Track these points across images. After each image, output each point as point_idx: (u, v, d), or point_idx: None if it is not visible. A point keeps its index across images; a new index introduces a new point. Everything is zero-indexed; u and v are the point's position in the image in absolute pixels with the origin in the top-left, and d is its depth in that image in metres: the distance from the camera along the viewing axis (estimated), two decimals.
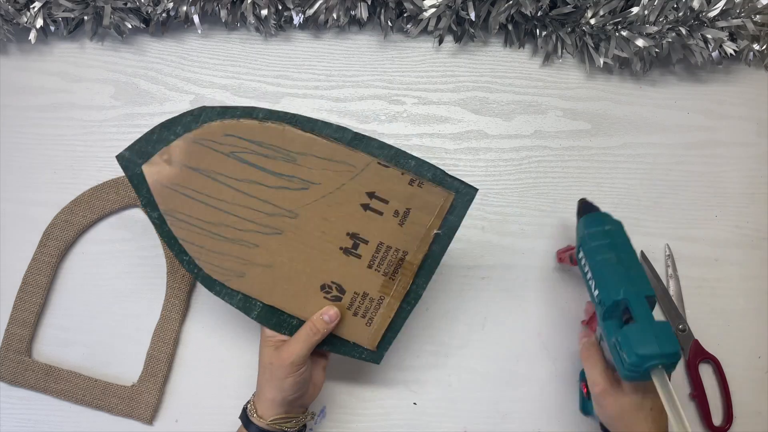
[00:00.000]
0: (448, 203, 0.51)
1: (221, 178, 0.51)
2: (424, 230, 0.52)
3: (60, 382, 0.62)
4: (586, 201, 0.59)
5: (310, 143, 0.50)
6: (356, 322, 0.53)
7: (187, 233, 0.52)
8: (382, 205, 0.51)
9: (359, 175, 0.51)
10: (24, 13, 0.65)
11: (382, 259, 0.52)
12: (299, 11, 0.66)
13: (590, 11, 0.64)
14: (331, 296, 0.53)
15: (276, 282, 0.53)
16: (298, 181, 0.51)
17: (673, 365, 0.47)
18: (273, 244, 0.52)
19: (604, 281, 0.51)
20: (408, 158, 0.51)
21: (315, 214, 0.51)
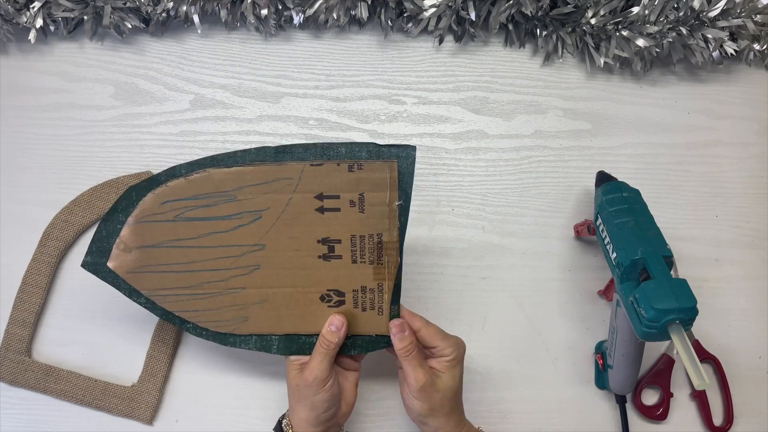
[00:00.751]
0: (395, 172, 0.50)
1: (179, 243, 0.52)
2: (386, 207, 0.51)
3: (60, 382, 0.62)
4: (604, 172, 0.61)
5: (240, 176, 0.50)
6: (369, 316, 0.53)
7: (177, 304, 0.53)
8: (335, 201, 0.51)
9: (299, 184, 0.50)
10: (24, 13, 0.65)
11: (362, 251, 0.52)
12: (299, 11, 0.66)
13: (591, 11, 0.64)
14: (334, 303, 0.53)
15: (279, 311, 0.53)
16: (248, 214, 0.51)
17: (690, 320, 0.48)
18: (257, 279, 0.52)
19: (621, 243, 0.52)
20: (336, 147, 0.50)
21: (279, 236, 0.51)
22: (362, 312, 0.53)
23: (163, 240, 0.52)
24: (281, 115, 0.68)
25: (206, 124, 0.68)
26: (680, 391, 0.63)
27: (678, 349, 0.47)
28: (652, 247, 0.51)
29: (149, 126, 0.67)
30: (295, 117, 0.68)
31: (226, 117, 0.68)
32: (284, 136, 0.67)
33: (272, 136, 0.67)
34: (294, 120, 0.68)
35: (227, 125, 0.68)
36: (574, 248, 0.66)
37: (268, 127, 0.68)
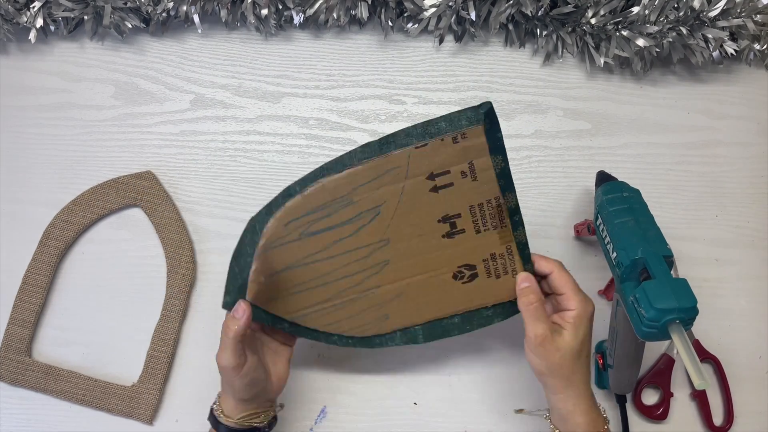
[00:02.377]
0: (483, 134, 0.50)
1: (310, 259, 0.52)
2: (493, 170, 0.51)
3: (60, 382, 0.62)
4: (604, 172, 0.60)
5: (352, 178, 0.51)
6: (504, 282, 0.53)
7: (320, 320, 0.53)
8: (446, 177, 0.50)
9: (409, 170, 0.50)
10: (24, 13, 0.65)
11: (483, 218, 0.51)
12: (299, 11, 0.66)
13: (591, 11, 0.64)
14: (467, 278, 0.53)
15: (416, 301, 0.53)
16: (367, 213, 0.51)
17: (691, 320, 0.48)
18: (389, 275, 0.53)
19: (622, 243, 0.52)
20: (436, 123, 0.50)
21: (401, 227, 0.52)
22: (497, 279, 0.53)
23: (295, 260, 0.52)
24: (281, 115, 0.68)
25: (206, 123, 0.68)
26: (680, 390, 0.63)
27: (678, 348, 0.47)
28: (652, 246, 0.51)
29: (149, 126, 0.67)
30: (296, 117, 0.68)
31: (226, 117, 0.68)
32: (284, 136, 0.67)
33: (272, 135, 0.67)
34: (294, 120, 0.68)
35: (227, 125, 0.68)
36: (574, 248, 0.66)
37: (268, 127, 0.68)
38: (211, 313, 0.64)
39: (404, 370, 0.63)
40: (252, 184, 0.67)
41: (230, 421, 0.51)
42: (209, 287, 0.65)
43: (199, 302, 0.64)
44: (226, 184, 0.66)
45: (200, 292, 0.64)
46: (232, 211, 0.66)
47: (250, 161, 0.67)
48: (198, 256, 0.65)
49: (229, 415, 0.51)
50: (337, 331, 0.54)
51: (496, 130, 0.49)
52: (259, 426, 0.52)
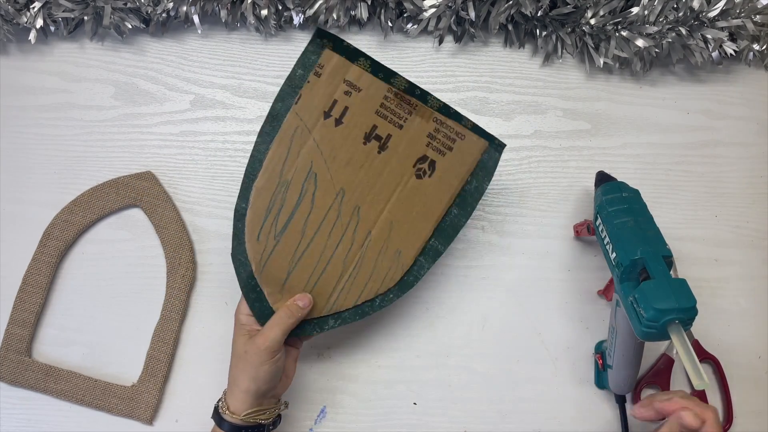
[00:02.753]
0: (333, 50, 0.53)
1: (299, 254, 0.53)
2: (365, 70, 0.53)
3: (60, 382, 0.62)
4: (604, 172, 0.61)
5: (272, 165, 0.53)
6: (459, 150, 0.53)
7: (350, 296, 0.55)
8: (338, 106, 0.53)
9: (306, 123, 0.53)
10: (24, 13, 0.65)
11: (394, 114, 0.53)
12: (299, 11, 0.66)
13: (590, 11, 0.64)
14: (428, 171, 0.53)
15: (409, 222, 0.54)
16: (306, 182, 0.53)
17: (690, 320, 0.48)
18: (369, 216, 0.53)
19: (621, 243, 0.52)
20: (295, 72, 0.52)
21: (341, 171, 0.53)
22: (450, 152, 0.53)
23: (289, 263, 0.53)
24: None
25: (206, 124, 0.68)
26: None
27: (678, 349, 0.47)
28: (651, 247, 0.51)
29: (149, 126, 0.68)
30: None
31: (226, 117, 0.68)
32: None
33: None
34: None
35: (227, 125, 0.68)
36: (574, 248, 0.66)
37: None
38: (210, 313, 0.64)
39: (404, 370, 0.63)
40: None
41: (236, 418, 0.51)
42: (209, 287, 0.65)
43: (199, 302, 0.64)
44: (226, 184, 0.66)
45: (200, 292, 0.65)
46: (232, 211, 0.66)
47: None
48: (198, 256, 0.65)
49: (235, 412, 0.51)
50: (372, 296, 0.54)
51: (340, 41, 0.52)
52: (265, 423, 0.52)
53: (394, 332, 0.64)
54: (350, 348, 0.64)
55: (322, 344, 0.64)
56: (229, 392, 0.52)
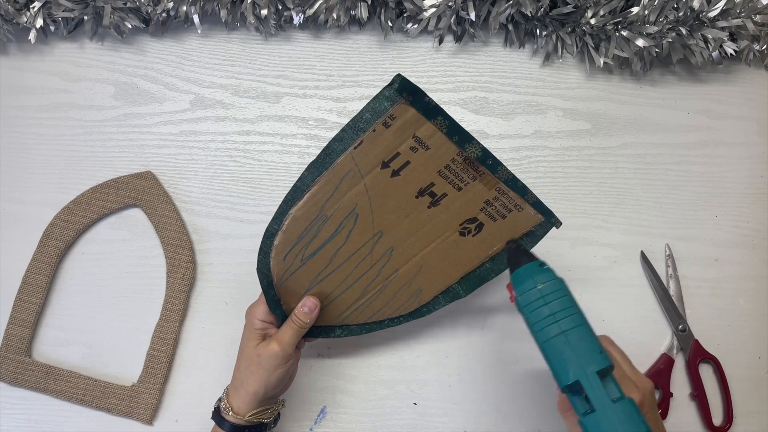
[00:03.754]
0: (408, 104, 0.49)
1: (322, 276, 0.54)
2: (439, 131, 0.50)
3: (60, 382, 0.62)
4: (518, 246, 0.52)
5: (314, 200, 0.52)
6: (513, 218, 0.52)
7: (362, 315, 0.56)
8: (399, 159, 0.51)
9: (361, 169, 0.51)
10: (24, 13, 0.65)
11: (457, 176, 0.51)
12: (299, 11, 0.66)
13: (590, 11, 0.64)
14: (474, 230, 0.53)
15: (440, 267, 0.54)
16: (347, 220, 0.53)
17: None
18: (401, 257, 0.54)
19: (551, 361, 0.46)
20: (362, 116, 0.49)
21: (385, 217, 0.52)
22: (504, 219, 0.52)
23: (309, 282, 0.54)
24: (281, 115, 0.68)
25: (206, 124, 0.68)
26: (680, 391, 0.63)
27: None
28: (583, 366, 0.44)
29: (149, 126, 0.67)
30: (295, 117, 0.68)
31: (226, 117, 0.68)
32: (284, 136, 0.67)
33: (272, 136, 0.67)
34: (294, 120, 0.68)
35: (227, 125, 0.68)
36: (574, 248, 0.66)
37: (268, 127, 0.68)
38: (210, 313, 0.64)
39: (404, 370, 0.63)
40: (251, 184, 0.67)
41: (239, 419, 0.51)
42: (209, 287, 0.65)
43: (199, 302, 0.64)
44: (226, 184, 0.66)
45: (200, 292, 0.65)
46: (232, 211, 0.66)
47: (250, 161, 0.67)
48: (198, 256, 0.65)
49: (238, 412, 0.51)
50: (386, 317, 0.55)
51: (421, 96, 0.48)
52: (267, 421, 0.53)
53: (394, 332, 0.64)
54: (350, 348, 0.64)
55: (323, 344, 0.64)
56: (234, 393, 0.52)
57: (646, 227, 0.66)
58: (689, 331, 0.64)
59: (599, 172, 0.67)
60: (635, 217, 0.66)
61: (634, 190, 0.67)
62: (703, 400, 0.62)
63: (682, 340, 0.63)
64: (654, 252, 0.66)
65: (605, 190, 0.67)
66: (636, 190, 0.67)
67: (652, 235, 0.66)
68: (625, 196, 0.67)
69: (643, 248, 0.66)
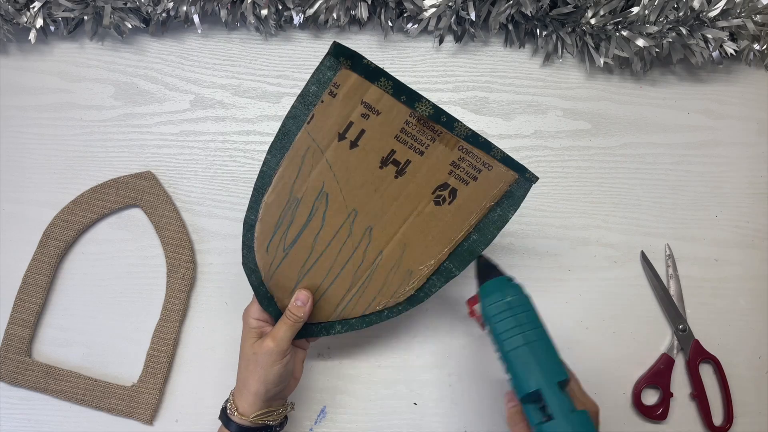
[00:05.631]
0: (352, 73, 0.49)
1: (308, 266, 0.53)
2: (385, 92, 0.49)
3: (60, 382, 0.62)
4: (486, 261, 0.52)
5: (282, 182, 0.51)
6: (485, 178, 0.50)
7: (358, 306, 0.54)
8: (354, 128, 0.50)
9: (319, 143, 0.50)
10: (24, 13, 0.65)
11: (415, 139, 0.50)
12: (299, 11, 0.66)
13: (590, 11, 0.64)
14: (449, 198, 0.51)
15: (424, 243, 0.52)
16: (318, 201, 0.51)
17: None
18: (381, 236, 0.52)
19: (513, 370, 0.47)
20: (308, 89, 0.49)
21: (354, 193, 0.51)
22: (475, 182, 0.50)
23: (297, 274, 0.53)
24: (281, 115, 0.68)
25: (206, 124, 0.68)
26: (680, 391, 0.63)
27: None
28: (545, 376, 0.45)
29: (149, 126, 0.67)
30: None
31: (226, 117, 0.68)
32: None
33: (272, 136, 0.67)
34: None
35: (227, 125, 0.68)
36: (574, 248, 0.66)
37: (268, 127, 0.68)
38: (210, 313, 0.64)
39: (404, 370, 0.63)
40: (251, 184, 0.66)
41: (244, 419, 0.51)
42: (209, 287, 0.65)
43: (199, 302, 0.64)
44: (226, 184, 0.66)
45: (200, 292, 0.65)
46: (232, 211, 0.66)
47: (250, 161, 0.67)
48: (198, 256, 0.65)
49: (243, 413, 0.51)
50: (384, 306, 0.53)
51: (359, 59, 0.48)
52: (272, 424, 0.53)
53: (395, 332, 0.64)
54: (350, 348, 0.64)
55: (323, 344, 0.64)
56: (238, 394, 0.52)
57: (646, 227, 0.66)
58: (689, 331, 0.64)
59: (599, 172, 0.67)
60: (635, 217, 0.66)
61: (634, 190, 0.67)
62: (703, 400, 0.62)
63: (682, 340, 0.63)
64: (654, 252, 0.66)
65: (605, 190, 0.67)
66: (636, 190, 0.67)
67: (652, 235, 0.66)
68: (625, 196, 0.67)
69: (643, 248, 0.66)
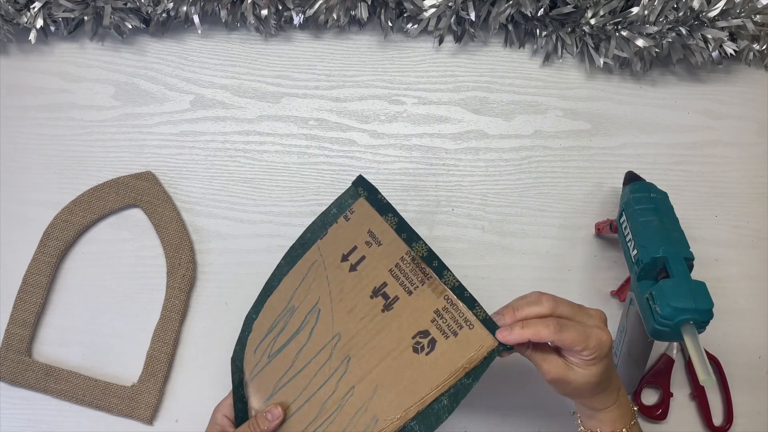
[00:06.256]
0: (365, 202, 0.52)
1: (284, 380, 0.52)
2: (389, 227, 0.51)
3: (60, 382, 0.62)
4: (633, 172, 0.61)
5: (287, 287, 0.53)
6: (464, 338, 0.49)
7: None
8: (356, 253, 0.52)
9: (324, 260, 0.53)
10: (24, 13, 0.65)
11: (407, 277, 0.51)
12: (299, 11, 0.66)
13: (590, 11, 0.64)
14: (428, 347, 0.49)
15: (395, 390, 0.49)
16: (310, 315, 0.52)
17: (704, 323, 0.47)
18: (356, 371, 0.50)
19: (644, 241, 0.52)
20: (330, 211, 0.53)
21: (342, 316, 0.52)
22: (456, 337, 0.49)
23: (273, 386, 0.52)
24: (281, 115, 0.68)
25: (206, 124, 0.68)
26: (680, 391, 0.63)
27: (689, 350, 0.46)
28: (674, 247, 0.51)
29: (149, 126, 0.68)
30: (295, 117, 0.68)
31: (226, 117, 0.68)
32: (284, 136, 0.67)
33: (272, 136, 0.67)
34: (294, 120, 0.68)
35: (227, 125, 0.68)
36: (575, 248, 0.66)
37: (268, 127, 0.68)
38: (211, 313, 0.64)
39: None
40: (251, 184, 0.67)
41: None
42: (209, 287, 0.65)
43: (199, 302, 0.64)
44: (226, 185, 0.66)
45: (200, 292, 0.65)
46: (232, 211, 0.66)
47: (250, 161, 0.67)
48: (198, 256, 0.65)
49: None
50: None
51: (375, 193, 0.52)
52: None
53: None
54: None
55: None
56: None
57: None
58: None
59: (599, 172, 0.67)
60: None
61: None
62: (703, 400, 0.62)
63: None
64: None
65: (605, 190, 0.67)
66: None
67: None
68: None
69: None
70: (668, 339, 0.49)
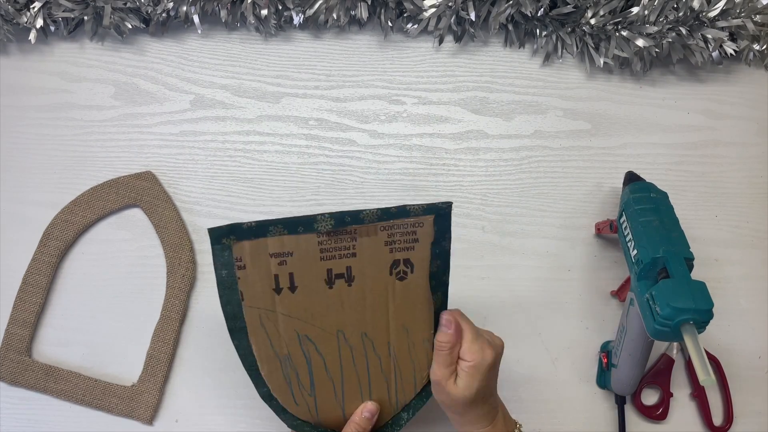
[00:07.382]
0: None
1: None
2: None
3: (60, 382, 0.62)
4: (633, 172, 0.62)
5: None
6: (424, 234, 0.50)
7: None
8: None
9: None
10: (24, 13, 0.65)
11: (343, 246, 0.50)
12: (299, 11, 0.66)
13: (590, 11, 0.64)
14: (403, 263, 0.51)
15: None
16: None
17: (704, 323, 0.48)
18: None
19: (644, 241, 0.52)
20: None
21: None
22: (418, 243, 0.50)
23: (335, 403, 0.53)
24: (281, 115, 0.68)
25: (206, 124, 0.68)
26: (680, 391, 0.63)
27: (689, 350, 0.46)
28: (674, 247, 0.51)
29: (149, 126, 0.68)
30: (295, 117, 0.68)
31: (226, 117, 0.68)
32: (284, 136, 0.67)
33: (272, 136, 0.67)
34: (294, 120, 0.68)
35: (227, 125, 0.68)
36: (574, 248, 0.66)
37: (268, 127, 0.68)
38: (211, 313, 0.64)
39: None
40: (251, 184, 0.67)
41: None
42: (209, 287, 0.65)
43: (199, 302, 0.64)
44: (226, 184, 0.66)
45: (200, 292, 0.65)
46: (232, 211, 0.66)
47: (250, 161, 0.67)
48: (198, 256, 0.65)
49: None
50: (427, 381, 0.54)
51: (238, 227, 0.48)
52: None
53: None
54: None
55: None
56: None
57: None
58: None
59: (599, 172, 0.67)
60: None
61: None
62: (703, 400, 0.62)
63: None
64: None
65: (605, 190, 0.67)
66: None
67: None
68: None
69: None
70: (668, 339, 0.49)
